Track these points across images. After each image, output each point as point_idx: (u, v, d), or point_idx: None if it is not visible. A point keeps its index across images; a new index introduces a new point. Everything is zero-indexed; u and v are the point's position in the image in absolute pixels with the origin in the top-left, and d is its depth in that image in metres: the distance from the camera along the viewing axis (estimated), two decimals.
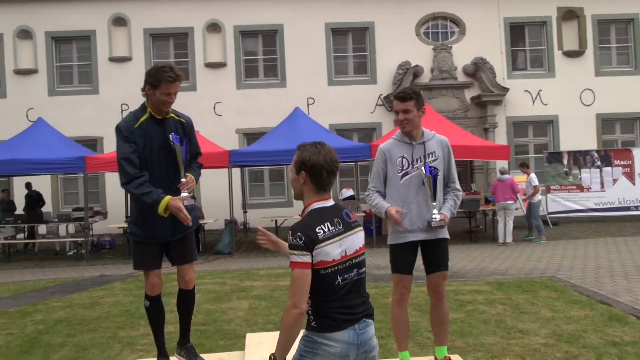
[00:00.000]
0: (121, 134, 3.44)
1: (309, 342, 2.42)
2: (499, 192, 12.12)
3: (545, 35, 18.94)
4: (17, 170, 12.25)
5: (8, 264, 12.37)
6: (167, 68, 3.46)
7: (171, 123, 3.62)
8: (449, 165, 3.72)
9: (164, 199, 3.32)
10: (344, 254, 2.42)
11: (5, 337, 5.83)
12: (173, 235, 3.59)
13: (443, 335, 3.73)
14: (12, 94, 18.00)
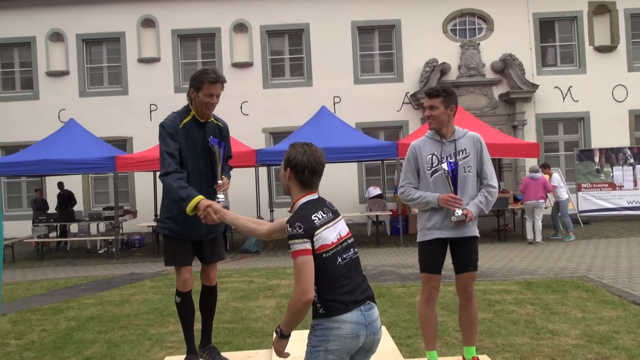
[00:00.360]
0: (166, 131, 3.54)
1: (319, 331, 2.54)
2: (530, 191, 11.95)
3: (575, 31, 18.59)
4: (50, 170, 12.52)
5: (41, 261, 12.66)
6: (208, 70, 3.58)
7: (211, 126, 3.72)
8: (481, 162, 3.68)
9: (196, 197, 3.33)
10: (339, 236, 2.62)
11: (39, 333, 5.98)
12: (207, 235, 3.68)
13: (471, 335, 3.70)
14: (45, 96, 18.41)
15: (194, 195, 3.35)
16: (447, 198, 3.53)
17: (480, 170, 3.69)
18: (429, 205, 3.60)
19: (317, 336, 2.55)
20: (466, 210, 3.56)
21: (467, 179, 3.63)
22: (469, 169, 3.63)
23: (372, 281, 8.19)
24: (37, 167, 12.23)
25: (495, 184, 3.69)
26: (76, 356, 5.10)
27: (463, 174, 3.62)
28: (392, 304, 6.54)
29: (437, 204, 3.56)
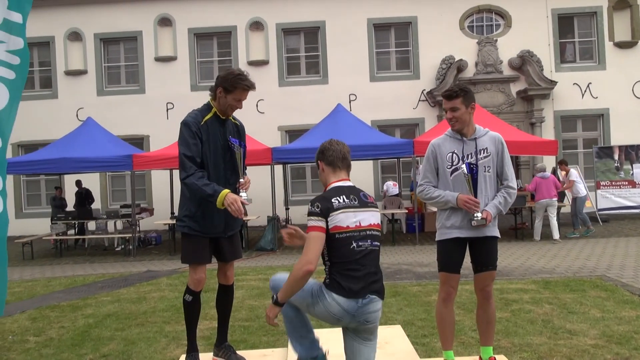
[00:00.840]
0: (189, 129, 3.57)
1: (319, 291, 2.98)
2: (543, 189, 11.87)
3: (595, 26, 18.34)
4: (68, 168, 12.65)
5: (60, 258, 12.82)
6: (243, 76, 3.63)
7: (230, 124, 3.78)
8: (502, 162, 3.65)
9: (223, 191, 3.43)
10: (358, 224, 2.92)
11: (57, 330, 6.04)
12: (225, 232, 3.71)
13: (489, 335, 3.66)
14: (63, 95, 18.63)
15: (220, 189, 3.44)
16: (466, 200, 3.50)
17: (500, 171, 3.66)
18: (448, 204, 3.57)
19: (317, 291, 2.99)
20: (485, 212, 3.53)
21: (487, 178, 3.60)
22: (488, 169, 3.60)
23: (388, 279, 8.16)
24: (55, 166, 12.37)
25: (514, 185, 3.67)
26: (94, 353, 5.14)
27: (483, 173, 3.58)
28: (407, 302, 6.51)
29: (456, 203, 3.53)
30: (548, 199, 11.78)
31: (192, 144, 3.54)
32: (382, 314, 5.94)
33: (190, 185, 3.52)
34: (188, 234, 3.68)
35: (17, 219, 18.17)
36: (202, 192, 3.48)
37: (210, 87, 3.71)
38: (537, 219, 12.12)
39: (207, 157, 3.60)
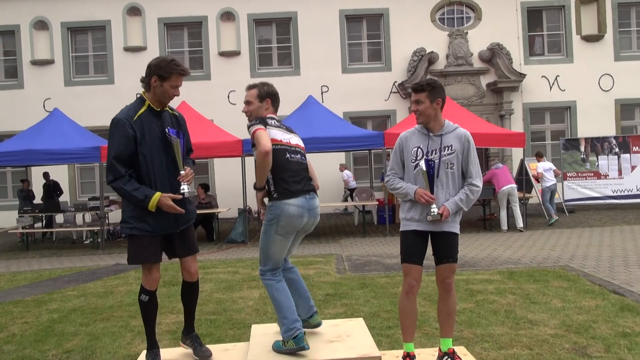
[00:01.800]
0: (122, 127, 3.41)
1: (272, 209, 3.51)
2: (501, 178, 12.15)
3: (563, 20, 18.63)
4: (34, 160, 12.39)
5: (26, 252, 12.59)
6: (177, 62, 3.54)
7: (167, 116, 3.66)
8: (467, 160, 3.68)
9: (154, 194, 3.39)
10: (289, 141, 3.61)
11: (20, 326, 5.95)
12: (176, 227, 3.60)
13: (449, 327, 3.71)
14: (29, 85, 18.23)
15: (151, 193, 3.40)
16: (422, 194, 3.57)
17: (465, 168, 3.69)
18: (407, 196, 3.65)
19: (271, 214, 3.51)
20: (442, 207, 3.58)
21: (449, 175, 3.63)
22: (451, 166, 3.63)
23: (357, 271, 8.23)
24: (21, 158, 12.10)
25: (479, 183, 3.69)
26: (57, 349, 5.08)
27: (445, 170, 3.62)
28: (375, 294, 6.57)
29: (414, 197, 3.59)
30: (508, 185, 12.02)
31: (122, 144, 3.41)
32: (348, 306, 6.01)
33: (119, 190, 3.43)
34: (136, 235, 3.53)
35: None
36: (132, 198, 3.41)
37: (142, 78, 3.54)
38: (502, 209, 12.33)
39: (146, 153, 3.46)
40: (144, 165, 3.47)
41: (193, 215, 3.76)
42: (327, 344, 3.51)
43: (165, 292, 7.16)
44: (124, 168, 3.41)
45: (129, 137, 3.41)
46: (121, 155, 3.40)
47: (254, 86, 3.78)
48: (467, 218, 15.15)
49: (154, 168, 3.48)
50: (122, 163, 3.41)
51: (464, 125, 12.82)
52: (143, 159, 3.46)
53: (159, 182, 3.49)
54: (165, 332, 5.46)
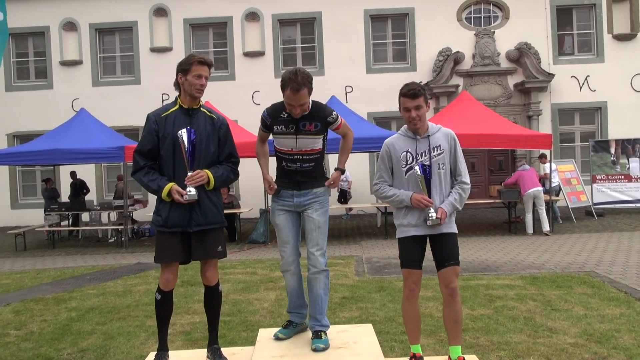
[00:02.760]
0: (147, 123, 3.61)
1: (327, 193, 3.88)
2: (527, 181, 11.93)
3: (594, 18, 18.19)
4: (61, 160, 12.61)
5: (52, 250, 12.81)
6: (195, 54, 3.68)
7: (201, 117, 3.65)
8: (455, 159, 3.64)
9: (167, 185, 3.49)
10: None
11: (39, 324, 6.02)
12: (189, 225, 3.57)
13: (457, 334, 3.61)
14: (59, 85, 18.57)
15: (164, 184, 3.50)
16: (419, 199, 3.51)
17: (454, 167, 3.65)
18: (402, 203, 3.58)
19: (326, 199, 3.83)
20: (440, 210, 3.52)
21: (441, 176, 3.59)
22: (442, 166, 3.58)
23: (376, 274, 8.14)
24: (48, 157, 12.32)
25: (468, 180, 3.66)
26: (72, 347, 5.12)
27: (437, 171, 3.58)
28: (391, 298, 6.47)
29: (410, 203, 3.53)
30: (534, 188, 11.79)
31: (144, 138, 3.58)
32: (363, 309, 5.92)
33: (138, 181, 3.60)
34: (158, 231, 3.63)
35: (12, 209, 18.22)
36: (149, 188, 3.59)
37: (173, 82, 3.67)
38: (527, 212, 12.09)
39: (166, 149, 3.55)
40: (164, 160, 3.59)
41: (215, 219, 3.66)
42: (332, 350, 3.46)
43: (182, 292, 7.18)
44: (144, 160, 3.58)
45: (152, 132, 3.57)
46: (142, 149, 3.58)
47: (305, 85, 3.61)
48: (492, 221, 14.91)
49: (173, 164, 3.57)
50: (142, 156, 3.58)
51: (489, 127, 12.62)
52: (163, 155, 3.58)
53: (177, 179, 3.56)
54: (179, 332, 5.47)
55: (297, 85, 3.51)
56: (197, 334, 5.38)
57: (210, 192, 3.62)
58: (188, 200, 3.47)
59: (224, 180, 3.71)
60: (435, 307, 5.92)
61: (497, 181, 16.19)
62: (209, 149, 3.63)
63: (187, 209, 3.53)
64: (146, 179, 3.55)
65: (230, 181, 3.81)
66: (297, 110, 3.60)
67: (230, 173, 3.75)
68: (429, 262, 3.67)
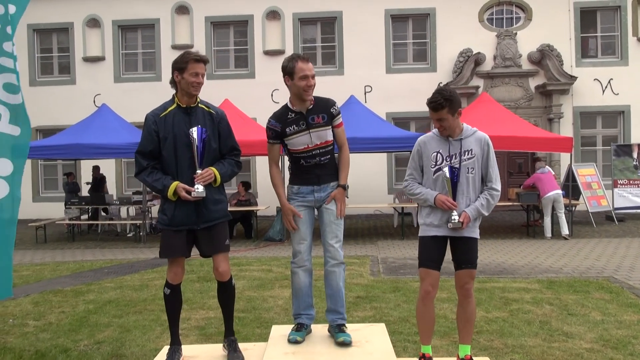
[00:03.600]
0: (146, 124, 3.61)
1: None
2: (546, 184, 11.77)
3: (618, 21, 17.93)
4: (82, 154, 12.80)
5: (72, 243, 12.99)
6: (190, 50, 3.71)
7: (199, 113, 3.66)
8: (487, 164, 3.62)
9: (172, 183, 3.50)
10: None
11: (57, 315, 6.12)
12: (197, 222, 3.60)
13: (467, 333, 3.65)
14: (81, 81, 18.82)
15: (169, 183, 3.51)
16: (443, 200, 3.51)
17: (485, 172, 3.63)
18: (427, 202, 3.60)
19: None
20: (464, 214, 3.52)
21: (469, 180, 3.57)
22: (472, 170, 3.57)
23: (391, 274, 8.12)
24: (69, 151, 12.49)
25: (498, 187, 3.63)
26: (89, 339, 5.20)
27: (465, 175, 3.56)
28: (406, 298, 6.46)
29: (434, 203, 3.52)
30: (554, 191, 11.65)
31: (144, 138, 3.59)
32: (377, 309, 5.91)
33: (142, 181, 3.62)
34: (163, 229, 3.65)
35: (34, 202, 18.49)
36: (154, 189, 3.59)
37: (169, 80, 3.69)
38: (546, 216, 11.95)
39: (168, 149, 3.55)
40: (166, 160, 3.58)
41: (221, 214, 3.69)
42: (344, 348, 3.46)
43: (197, 287, 7.25)
44: (146, 161, 3.58)
45: (152, 132, 3.57)
46: (143, 150, 3.59)
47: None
48: (510, 224, 14.79)
49: (176, 164, 3.56)
50: (144, 156, 3.58)
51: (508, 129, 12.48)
52: (165, 154, 3.57)
53: (180, 178, 3.56)
54: (193, 327, 5.52)
55: (303, 56, 3.69)
56: (211, 329, 5.42)
57: (214, 188, 3.65)
58: (196, 198, 3.50)
59: (229, 175, 3.75)
60: (449, 308, 5.89)
61: (516, 184, 16.05)
62: (210, 146, 3.64)
63: (193, 206, 3.56)
64: (150, 178, 3.55)
65: (234, 174, 3.83)
66: (311, 82, 3.65)
67: (235, 167, 3.78)
68: (446, 263, 3.66)
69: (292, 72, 3.64)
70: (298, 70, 3.60)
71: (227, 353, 3.68)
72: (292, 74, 3.64)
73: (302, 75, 3.61)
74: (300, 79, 3.62)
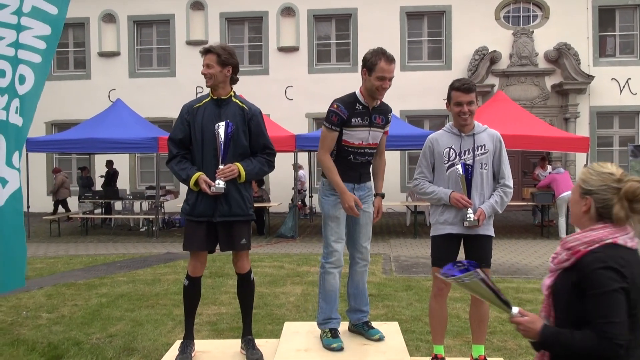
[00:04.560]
0: (180, 113, 3.70)
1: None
2: (561, 184, 11.70)
3: (637, 20, 17.69)
4: (95, 149, 12.89)
5: (85, 237, 13.07)
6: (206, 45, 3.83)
7: (231, 107, 3.65)
8: (499, 161, 3.58)
9: (195, 174, 3.54)
10: None
11: (70, 308, 6.15)
12: (214, 215, 3.58)
13: (481, 333, 3.61)
14: (96, 76, 18.93)
15: (192, 173, 3.55)
16: (458, 198, 3.46)
17: (497, 169, 3.59)
18: (441, 201, 3.54)
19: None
20: (479, 210, 3.47)
21: (483, 176, 3.54)
22: (485, 166, 3.53)
23: (403, 273, 8.08)
24: (83, 146, 12.60)
25: (511, 184, 3.59)
26: (101, 332, 5.21)
27: (479, 170, 3.52)
28: (418, 297, 6.41)
29: (449, 201, 3.47)
30: (568, 192, 11.53)
31: (177, 127, 3.67)
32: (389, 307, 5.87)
33: (170, 169, 3.68)
34: (187, 220, 3.69)
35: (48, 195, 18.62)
36: (179, 177, 3.64)
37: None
38: (561, 216, 11.85)
39: (197, 140, 3.61)
40: (194, 151, 3.65)
41: (240, 211, 3.63)
42: (358, 346, 3.45)
43: (210, 283, 7.24)
44: (176, 149, 3.66)
45: (184, 122, 3.65)
46: (174, 138, 3.67)
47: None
48: (524, 223, 14.66)
49: (202, 156, 3.60)
50: (175, 144, 3.67)
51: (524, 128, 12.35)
52: (194, 145, 3.65)
53: (205, 170, 3.58)
54: (205, 322, 5.52)
55: (389, 56, 3.48)
56: (223, 325, 5.42)
57: (239, 185, 3.61)
58: (215, 192, 3.48)
59: (257, 173, 3.69)
60: (462, 308, 5.84)
61: (530, 184, 15.89)
62: (239, 142, 3.60)
63: (213, 199, 3.56)
64: (177, 167, 3.62)
65: (263, 173, 3.79)
66: (387, 85, 3.48)
67: (265, 165, 3.72)
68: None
69: (372, 68, 3.46)
70: (379, 69, 3.42)
71: (246, 351, 3.66)
72: (371, 69, 3.46)
73: (380, 75, 3.43)
74: (377, 79, 3.44)
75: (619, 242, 1.92)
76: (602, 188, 1.95)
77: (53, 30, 4.77)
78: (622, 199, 1.92)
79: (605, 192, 1.95)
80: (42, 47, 4.73)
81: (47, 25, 4.75)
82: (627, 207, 1.93)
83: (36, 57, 4.70)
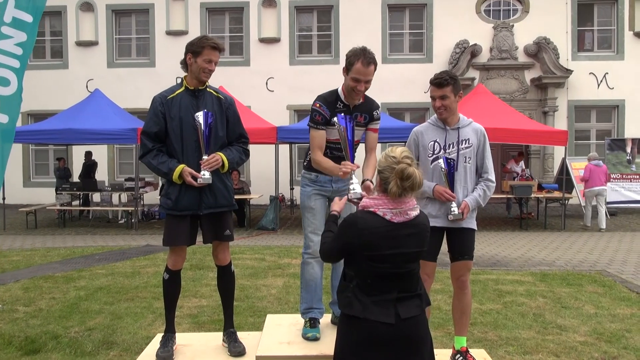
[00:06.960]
0: (153, 105, 3.52)
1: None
2: (595, 177, 12.26)
3: (615, 15, 17.89)
4: (74, 139, 12.66)
5: (62, 229, 12.88)
6: (208, 36, 3.59)
7: (207, 97, 3.59)
8: (483, 155, 3.60)
9: (178, 167, 3.41)
10: None
11: (48, 301, 6.06)
12: (200, 208, 3.54)
13: (463, 325, 3.63)
14: (74, 65, 18.60)
15: (174, 166, 3.42)
16: (442, 192, 3.47)
17: (481, 163, 3.62)
18: (424, 194, 3.52)
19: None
20: (464, 203, 3.49)
21: (467, 169, 3.56)
22: (469, 160, 3.55)
23: None
24: (61, 136, 12.36)
25: (493, 178, 3.62)
26: (79, 326, 5.14)
27: (463, 164, 3.54)
28: None
29: (432, 194, 3.47)
30: (600, 186, 12.19)
31: (150, 120, 3.49)
32: None
33: (147, 164, 3.51)
34: (167, 214, 3.58)
35: (24, 187, 18.34)
36: (159, 171, 3.49)
37: (181, 60, 3.58)
38: (587, 208, 12.57)
39: (174, 132, 3.49)
40: (172, 144, 3.51)
41: (225, 201, 3.61)
42: None
43: (190, 275, 7.19)
44: (152, 143, 3.49)
45: (158, 114, 3.48)
46: (149, 131, 3.50)
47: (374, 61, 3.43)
48: (503, 216, 14.80)
49: (182, 148, 3.50)
50: (149, 138, 3.49)
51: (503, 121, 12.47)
52: (171, 138, 3.50)
53: (186, 162, 3.48)
54: (186, 315, 5.48)
55: (368, 58, 3.38)
56: (204, 317, 5.38)
57: (221, 175, 3.58)
58: (201, 184, 3.42)
59: (237, 162, 3.67)
60: (443, 300, 5.88)
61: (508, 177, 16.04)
62: (217, 132, 3.57)
63: (197, 191, 3.49)
64: (155, 161, 3.46)
65: (242, 162, 3.76)
66: (362, 87, 3.42)
67: (242, 154, 3.71)
68: (441, 254, 3.62)
69: (349, 68, 3.42)
70: (354, 70, 3.36)
71: (228, 344, 3.62)
72: (348, 69, 3.43)
73: (354, 77, 3.38)
74: (352, 80, 3.40)
75: (378, 213, 2.38)
76: (385, 168, 2.42)
77: (28, 37, 5.15)
78: (395, 178, 2.36)
79: (385, 172, 2.41)
80: (20, 53, 5.16)
81: (24, 32, 5.14)
82: (399, 184, 2.36)
83: (15, 62, 5.11)
